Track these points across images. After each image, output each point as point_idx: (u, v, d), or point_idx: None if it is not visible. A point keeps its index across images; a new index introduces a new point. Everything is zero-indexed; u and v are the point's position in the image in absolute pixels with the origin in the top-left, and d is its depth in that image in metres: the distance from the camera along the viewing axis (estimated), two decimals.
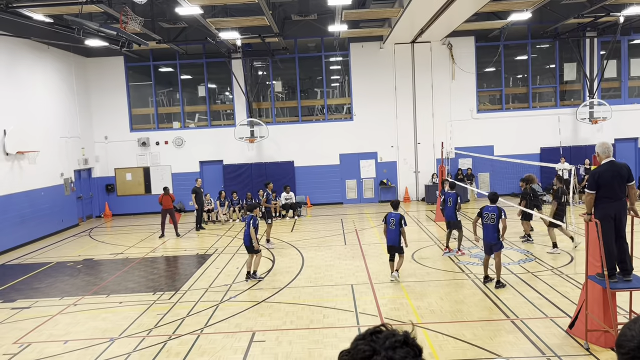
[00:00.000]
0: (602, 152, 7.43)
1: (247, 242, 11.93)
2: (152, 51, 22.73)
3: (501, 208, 10.38)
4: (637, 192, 8.04)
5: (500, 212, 10.25)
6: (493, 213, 10.29)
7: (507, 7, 18.30)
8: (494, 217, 10.25)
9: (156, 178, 23.24)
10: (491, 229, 10.27)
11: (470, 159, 22.23)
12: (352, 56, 23.06)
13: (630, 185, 7.32)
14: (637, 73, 23.38)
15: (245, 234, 11.96)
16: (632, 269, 7.48)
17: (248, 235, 11.82)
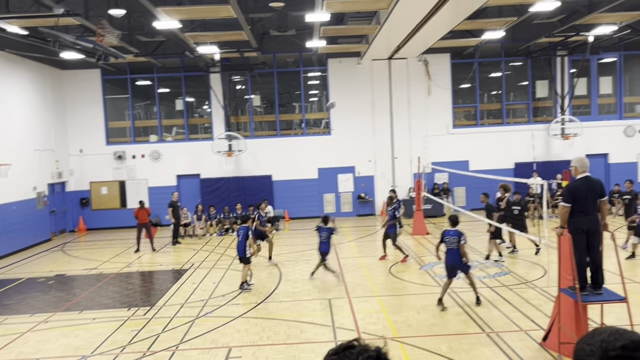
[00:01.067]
0: (580, 166, 7.60)
1: (241, 253, 11.98)
2: (129, 64, 22.58)
3: (461, 232, 10.06)
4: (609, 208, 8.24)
5: (459, 237, 9.96)
6: (454, 237, 10.01)
7: (481, 25, 18.73)
8: (455, 242, 9.97)
9: (132, 192, 22.96)
10: (455, 253, 10.00)
11: (446, 174, 22.51)
12: (330, 71, 23.27)
13: (603, 201, 7.51)
14: (606, 91, 24.09)
15: (240, 245, 11.98)
16: (602, 282, 7.65)
17: (243, 246, 11.87)
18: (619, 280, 7.39)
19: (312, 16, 15.12)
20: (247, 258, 12.06)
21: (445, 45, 21.57)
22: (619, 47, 23.19)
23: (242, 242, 11.98)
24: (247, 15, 16.60)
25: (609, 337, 1.39)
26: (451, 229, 10.26)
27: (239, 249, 12.11)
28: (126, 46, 18.16)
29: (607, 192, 7.88)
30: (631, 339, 1.37)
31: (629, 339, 1.36)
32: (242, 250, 11.99)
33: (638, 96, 24.27)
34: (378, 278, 12.73)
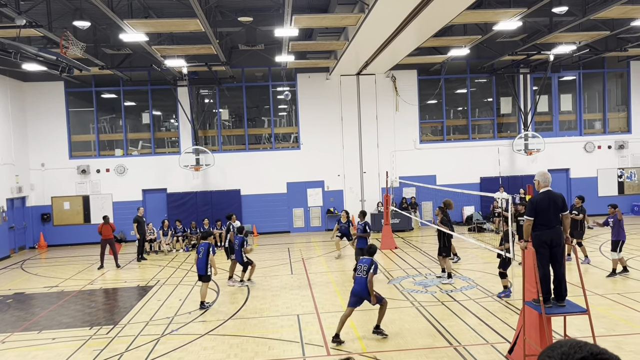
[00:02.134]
0: (542, 180, 7.79)
1: (202, 271, 11.77)
2: (94, 77, 22.21)
3: (374, 261, 9.48)
4: (570, 221, 8.44)
5: (370, 266, 9.35)
6: (365, 265, 9.43)
7: (447, 42, 19.14)
8: (365, 270, 9.38)
9: (96, 207, 22.42)
10: (363, 282, 9.32)
11: (414, 188, 22.76)
12: (299, 86, 23.36)
13: (565, 214, 7.69)
14: (567, 108, 24.87)
15: (200, 262, 11.77)
16: (565, 295, 7.80)
17: (203, 263, 11.68)
18: (581, 292, 7.55)
19: (281, 31, 15.18)
20: (208, 276, 11.85)
21: (413, 62, 21.95)
22: (578, 66, 24.03)
23: (203, 260, 11.79)
24: (215, 29, 16.55)
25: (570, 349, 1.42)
26: (365, 257, 9.69)
27: (199, 266, 11.91)
28: (91, 58, 17.86)
29: (568, 206, 8.07)
30: (591, 351, 1.41)
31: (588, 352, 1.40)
32: (203, 268, 11.79)
33: (596, 113, 25.13)
34: (347, 293, 12.61)
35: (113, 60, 20.35)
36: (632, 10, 15.34)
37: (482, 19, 16.16)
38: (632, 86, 24.49)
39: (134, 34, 14.86)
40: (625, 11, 15.46)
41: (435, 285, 12.91)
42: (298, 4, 14.85)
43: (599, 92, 24.94)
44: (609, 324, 9.51)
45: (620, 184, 24.40)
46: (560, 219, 7.65)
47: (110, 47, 19.06)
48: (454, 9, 13.49)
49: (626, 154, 24.34)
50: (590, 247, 16.92)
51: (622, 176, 24.41)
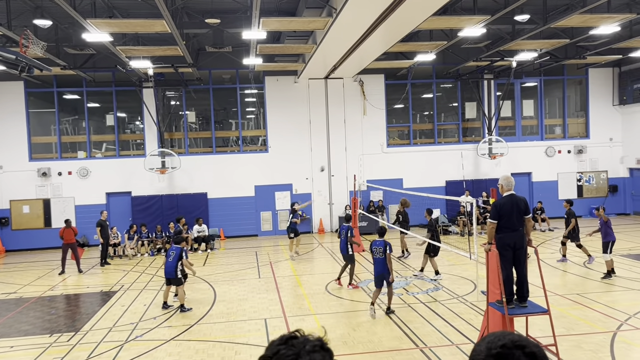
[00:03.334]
0: (505, 184, 7.97)
1: (171, 275, 11.62)
2: (56, 77, 21.63)
3: (387, 242, 10.74)
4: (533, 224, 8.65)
5: (386, 246, 10.64)
6: (380, 247, 10.69)
7: (413, 48, 19.41)
8: (381, 251, 10.66)
9: (57, 210, 21.80)
10: (381, 263, 10.66)
11: (381, 192, 22.95)
12: (267, 89, 23.29)
13: (527, 218, 7.88)
14: (529, 113, 25.52)
15: (170, 266, 11.60)
16: (527, 296, 7.99)
17: (173, 267, 11.52)
18: (542, 293, 7.75)
19: (249, 34, 15.11)
20: (179, 279, 11.71)
21: (380, 67, 22.17)
22: (539, 73, 24.71)
23: (173, 263, 11.63)
24: (182, 30, 16.35)
25: (495, 338, 1.57)
26: (378, 239, 10.87)
27: (167, 270, 11.74)
28: (53, 58, 17.39)
29: (530, 209, 8.27)
30: (512, 339, 1.54)
31: (509, 339, 1.54)
32: (172, 272, 11.64)
33: (557, 119, 25.88)
34: (314, 296, 12.69)
35: (76, 60, 19.86)
36: (591, 19, 15.87)
37: (447, 25, 16.45)
38: (590, 93, 25.33)
39: (98, 34, 14.55)
40: (584, 20, 15.99)
41: (402, 288, 13.03)
42: (266, 6, 14.82)
43: (559, 98, 25.70)
44: (568, 324, 9.79)
45: (579, 187, 25.17)
46: (523, 222, 7.83)
47: (73, 47, 18.59)
48: (420, 14, 13.69)
49: (585, 159, 25.14)
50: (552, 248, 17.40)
51: (580, 180, 25.19)
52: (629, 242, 18.02)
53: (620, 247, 16.92)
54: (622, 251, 16.29)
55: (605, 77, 25.25)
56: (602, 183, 25.30)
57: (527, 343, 1.53)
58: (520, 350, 1.51)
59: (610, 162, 25.32)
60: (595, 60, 22.92)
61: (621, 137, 25.30)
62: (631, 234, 19.69)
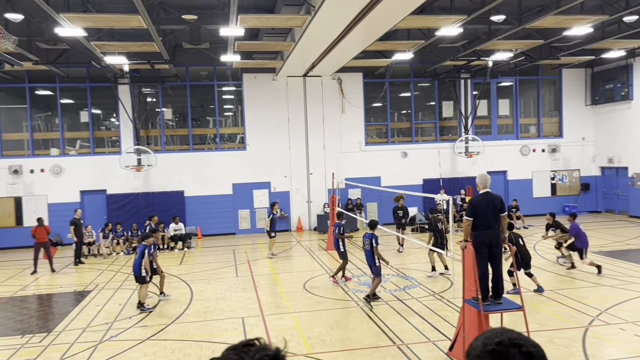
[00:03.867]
0: (480, 182, 8.07)
1: (136, 272, 11.49)
2: (28, 72, 21.15)
3: (374, 235, 11.39)
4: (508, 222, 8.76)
5: (371, 239, 11.32)
6: (367, 239, 11.46)
7: (391, 47, 19.50)
8: (368, 243, 11.42)
9: (29, 209, 21.34)
10: (368, 254, 11.48)
11: (359, 190, 23.03)
12: (245, 86, 23.15)
13: (503, 215, 7.99)
14: (504, 112, 25.89)
15: (135, 263, 11.48)
16: (502, 292, 8.11)
17: (138, 265, 11.39)
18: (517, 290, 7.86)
19: (226, 30, 14.99)
20: (143, 277, 11.58)
21: (358, 65, 22.21)
22: (514, 72, 25.07)
23: (137, 261, 11.54)
24: (158, 26, 16.12)
25: (492, 334, 1.56)
26: (368, 232, 11.57)
27: (134, 267, 11.67)
28: (24, 53, 16.99)
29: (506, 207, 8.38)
30: (509, 337, 1.53)
31: (506, 337, 1.53)
32: (137, 269, 11.54)
33: (531, 118, 26.30)
34: (292, 294, 12.68)
35: (49, 55, 19.43)
36: (565, 20, 16.15)
37: (425, 24, 16.56)
38: (563, 93, 25.80)
39: (71, 29, 14.25)
40: (558, 21, 16.27)
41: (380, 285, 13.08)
42: (244, 3, 14.71)
43: (534, 98, 26.12)
44: (542, 320, 9.96)
45: (553, 185, 25.64)
46: (499, 219, 7.93)
47: (46, 42, 18.18)
48: (398, 13, 13.75)
49: (558, 157, 25.61)
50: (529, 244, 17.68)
51: (554, 178, 25.66)
52: (600, 239, 18.43)
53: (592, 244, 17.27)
54: (594, 248, 16.64)
55: (578, 78, 25.74)
56: (574, 181, 25.81)
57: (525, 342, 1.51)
58: (516, 348, 1.49)
59: (582, 161, 25.84)
60: (569, 60, 23.35)
61: (593, 136, 25.84)
62: (602, 231, 20.14)
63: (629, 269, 13.77)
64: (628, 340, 8.71)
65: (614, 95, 24.18)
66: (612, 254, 15.77)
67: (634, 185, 23.52)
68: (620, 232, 20.03)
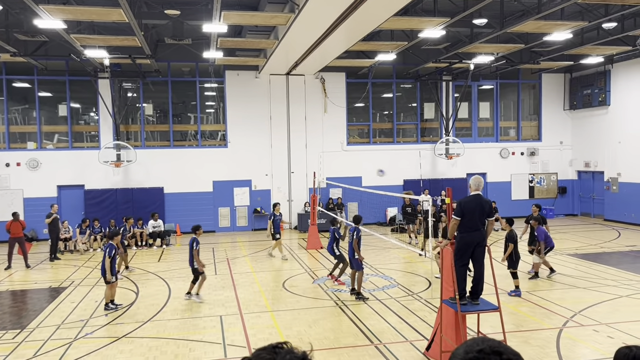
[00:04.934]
0: (473, 184, 8.12)
1: (102, 272, 11.34)
2: (5, 64, 20.74)
3: (357, 228, 11.90)
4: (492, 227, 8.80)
5: (354, 232, 11.83)
6: (351, 232, 12.02)
7: (374, 47, 19.57)
8: (351, 236, 11.92)
9: (4, 203, 20.91)
10: (349, 247, 11.97)
11: (340, 189, 23.07)
12: (228, 83, 23.01)
13: (490, 220, 8.04)
14: (485, 115, 26.19)
15: (103, 263, 11.32)
16: (481, 293, 8.18)
17: (103, 264, 11.22)
18: (494, 291, 7.96)
19: (209, 27, 14.88)
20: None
21: (341, 65, 22.24)
22: (495, 76, 25.37)
23: (103, 260, 11.34)
24: (140, 20, 15.92)
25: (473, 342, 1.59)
26: (353, 226, 12.02)
27: (101, 267, 11.45)
28: (2, 44, 16.64)
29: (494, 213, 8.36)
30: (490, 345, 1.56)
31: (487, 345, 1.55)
32: (103, 270, 11.33)
33: (511, 121, 26.64)
34: (271, 293, 12.65)
35: (27, 47, 19.06)
36: (545, 25, 16.40)
37: (408, 25, 16.66)
38: (542, 97, 26.19)
39: (51, 21, 14.01)
40: (538, 26, 16.51)
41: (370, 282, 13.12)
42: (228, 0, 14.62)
43: (514, 101, 26.47)
44: (518, 320, 10.10)
45: (531, 188, 26.02)
46: (484, 222, 7.98)
47: (24, 33, 17.83)
48: (382, 14, 13.81)
49: (537, 161, 26.00)
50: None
51: (532, 181, 26.04)
52: (575, 242, 18.75)
53: (567, 246, 17.60)
54: (569, 250, 16.94)
55: (557, 83, 26.15)
56: (552, 185, 26.22)
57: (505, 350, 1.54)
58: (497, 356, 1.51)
59: (560, 165, 26.27)
60: (548, 65, 23.70)
61: (571, 140, 26.27)
62: (578, 234, 20.50)
63: (602, 272, 14.03)
64: (601, 342, 8.88)
65: (591, 101, 24.62)
66: (586, 257, 16.05)
67: (609, 190, 23.99)
68: (595, 235, 20.41)
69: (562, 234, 20.33)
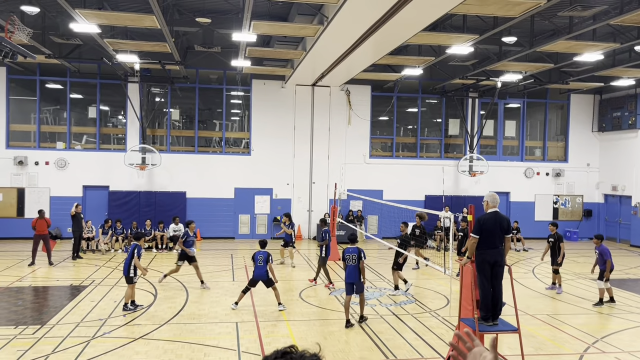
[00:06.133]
0: (490, 201, 8.04)
1: (125, 272, 11.47)
2: (40, 65, 21.31)
3: (361, 249, 10.75)
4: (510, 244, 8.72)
5: (360, 253, 10.61)
6: (354, 254, 10.62)
7: (401, 61, 19.58)
8: (355, 258, 10.60)
9: (32, 200, 21.38)
10: (353, 270, 10.61)
11: (361, 202, 23.02)
12: (254, 92, 23.25)
13: (507, 237, 7.94)
14: (511, 134, 25.91)
15: (125, 263, 11.48)
16: (499, 314, 8.06)
17: (127, 264, 11.37)
18: (513, 312, 7.82)
19: (239, 36, 15.09)
20: (130, 278, 11.51)
21: (367, 78, 22.30)
22: (523, 95, 25.12)
23: (127, 261, 11.49)
24: (171, 27, 16.24)
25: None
26: (351, 246, 10.81)
27: (124, 267, 11.63)
28: (38, 46, 17.11)
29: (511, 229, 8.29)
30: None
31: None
32: (126, 269, 11.49)
33: (537, 141, 26.31)
34: (288, 303, 12.63)
35: (61, 49, 19.58)
36: (576, 45, 16.21)
37: (436, 41, 16.64)
38: (571, 118, 25.81)
39: (86, 25, 14.38)
40: (569, 46, 16.32)
41: (376, 299, 13.05)
42: (258, 10, 14.81)
43: (541, 121, 26.15)
44: (537, 344, 9.90)
45: (555, 209, 25.58)
46: (503, 240, 7.88)
47: (60, 36, 18.32)
48: (410, 29, 13.83)
49: (562, 182, 25.58)
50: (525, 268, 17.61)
51: (557, 202, 25.61)
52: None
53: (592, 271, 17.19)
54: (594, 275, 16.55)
55: (586, 104, 25.77)
56: (577, 207, 25.75)
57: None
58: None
59: (586, 187, 25.80)
60: (578, 86, 23.39)
61: (598, 163, 25.81)
62: None
63: (628, 298, 13.69)
64: None
65: (621, 124, 24.18)
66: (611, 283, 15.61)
67: (637, 215, 23.45)
68: (620, 260, 19.92)
69: (587, 257, 19.90)
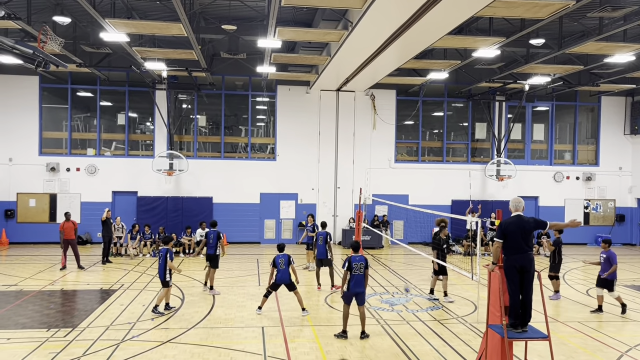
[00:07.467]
0: (512, 206, 7.92)
1: (160, 276, 11.73)
2: (71, 74, 21.86)
3: (365, 257, 10.28)
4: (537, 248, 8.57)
5: (366, 262, 10.14)
6: (361, 262, 10.01)
7: (427, 65, 19.46)
8: (362, 267, 10.01)
9: (63, 206, 21.89)
10: (361, 279, 10.01)
11: (386, 207, 22.90)
12: (279, 98, 23.40)
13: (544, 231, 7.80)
14: (539, 137, 25.47)
15: (160, 267, 11.70)
16: (529, 320, 7.89)
17: (162, 269, 11.59)
18: (543, 318, 7.66)
19: (264, 42, 15.23)
20: (166, 282, 11.72)
21: (392, 82, 22.23)
22: (551, 97, 24.69)
23: (162, 265, 11.69)
24: (198, 35, 16.50)
25: None
26: (356, 255, 10.18)
27: (158, 271, 11.88)
28: (69, 55, 17.59)
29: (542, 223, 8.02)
30: None
31: None
32: (162, 273, 11.73)
33: (567, 144, 25.79)
34: (313, 308, 12.63)
35: (92, 58, 20.07)
36: (606, 47, 15.87)
37: (462, 44, 16.49)
38: (602, 120, 25.25)
39: (115, 34, 14.71)
40: (599, 48, 15.99)
41: (402, 305, 12.95)
42: (283, 16, 14.94)
43: (570, 124, 25.63)
44: (568, 352, 9.67)
45: (586, 214, 25.01)
46: (531, 244, 7.71)
47: (90, 45, 18.80)
48: (436, 33, 13.75)
49: (593, 186, 25.01)
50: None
51: (588, 207, 25.04)
52: (633, 272, 17.85)
53: (624, 277, 16.76)
54: (627, 282, 16.14)
55: (617, 106, 25.18)
56: (609, 212, 25.13)
57: None
58: None
59: (618, 191, 25.17)
60: (608, 88, 22.88)
61: (631, 166, 25.16)
62: (635, 265, 19.50)
63: None
64: None
65: None
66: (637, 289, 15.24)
67: None
68: None
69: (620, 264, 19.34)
